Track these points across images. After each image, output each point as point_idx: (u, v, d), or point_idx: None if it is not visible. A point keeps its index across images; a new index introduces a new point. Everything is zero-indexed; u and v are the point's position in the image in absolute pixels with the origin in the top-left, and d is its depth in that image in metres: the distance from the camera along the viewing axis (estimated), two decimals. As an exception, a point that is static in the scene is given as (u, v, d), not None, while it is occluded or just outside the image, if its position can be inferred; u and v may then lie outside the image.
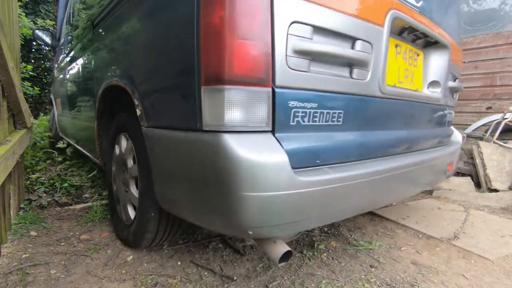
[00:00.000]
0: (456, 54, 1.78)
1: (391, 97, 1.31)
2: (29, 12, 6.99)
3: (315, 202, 0.96)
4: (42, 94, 7.52)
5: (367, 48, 1.13)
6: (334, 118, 1.08)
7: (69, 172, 3.17)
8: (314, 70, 0.99)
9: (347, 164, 1.12)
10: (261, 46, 0.85)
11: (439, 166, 1.69)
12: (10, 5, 1.87)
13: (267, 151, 0.87)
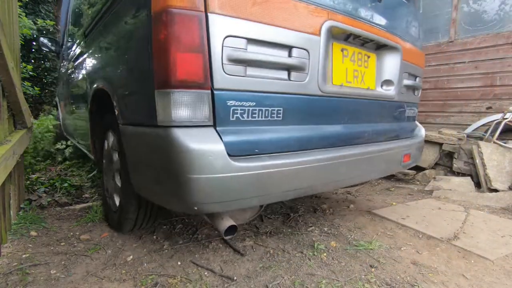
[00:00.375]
0: (412, 55, 1.94)
1: (337, 95, 1.50)
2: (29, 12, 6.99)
3: (252, 183, 1.14)
4: (42, 94, 7.52)
5: (304, 55, 1.31)
6: (274, 114, 1.26)
7: (69, 172, 3.17)
8: (251, 74, 1.18)
9: (289, 153, 1.29)
10: (200, 57, 1.05)
11: (392, 156, 1.83)
12: (10, 5, 1.87)
13: (207, 141, 1.06)
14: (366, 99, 1.69)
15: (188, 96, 1.06)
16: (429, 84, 4.22)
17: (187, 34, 1.03)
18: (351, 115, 1.62)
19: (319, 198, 2.87)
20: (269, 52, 1.22)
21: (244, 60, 1.15)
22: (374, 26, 1.63)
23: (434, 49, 4.15)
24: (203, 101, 1.08)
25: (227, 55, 1.10)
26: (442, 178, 3.36)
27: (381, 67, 1.77)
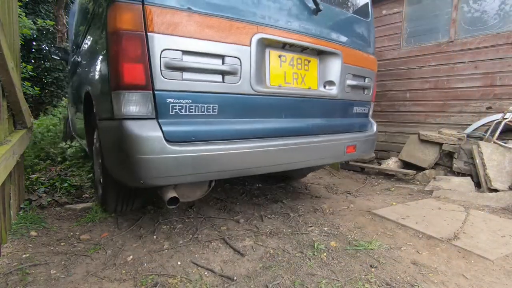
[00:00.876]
0: (356, 59, 2.18)
1: (274, 94, 1.74)
2: (29, 12, 6.99)
3: (186, 163, 1.42)
4: (42, 94, 7.52)
5: (236, 62, 1.57)
6: (209, 110, 1.52)
7: (69, 172, 3.16)
8: (188, 78, 1.44)
9: (224, 141, 1.55)
10: (142, 66, 1.33)
11: (334, 147, 2.06)
12: (10, 5, 1.87)
13: (149, 130, 1.35)
14: (307, 97, 1.93)
15: (135, 96, 1.35)
16: (429, 84, 4.22)
17: (131, 49, 1.32)
18: (292, 110, 1.85)
19: (319, 198, 2.87)
20: (203, 60, 1.48)
21: (180, 68, 1.41)
22: (310, 36, 1.86)
23: (434, 49, 4.15)
24: (146, 100, 1.37)
25: (164, 64, 1.37)
26: (442, 178, 3.36)
27: (324, 69, 2.01)
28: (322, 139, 1.96)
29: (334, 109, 2.11)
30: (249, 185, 3.25)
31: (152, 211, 2.33)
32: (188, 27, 1.42)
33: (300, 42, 1.81)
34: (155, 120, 1.39)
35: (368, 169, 4.20)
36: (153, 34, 1.34)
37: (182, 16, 1.40)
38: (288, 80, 1.83)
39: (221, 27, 1.51)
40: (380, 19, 4.74)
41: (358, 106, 2.28)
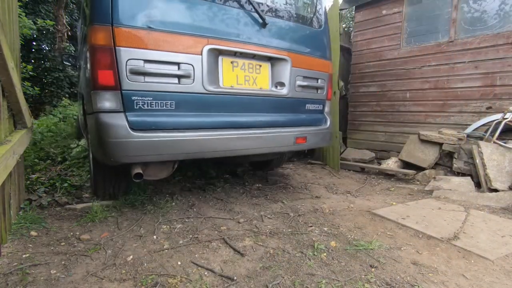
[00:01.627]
0: (307, 63, 2.46)
1: (226, 93, 2.08)
2: (29, 12, 6.98)
3: (147, 146, 1.77)
4: (42, 94, 7.52)
5: (190, 68, 1.90)
6: (167, 105, 1.87)
7: (69, 172, 3.16)
8: (149, 81, 1.80)
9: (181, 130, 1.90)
10: (111, 72, 1.70)
11: (283, 138, 2.33)
12: (10, 5, 1.87)
13: (118, 121, 1.72)
14: (258, 96, 2.24)
15: (107, 95, 1.72)
16: (429, 84, 4.22)
17: (104, 59, 1.68)
18: (243, 106, 2.18)
19: (319, 198, 2.87)
20: (161, 67, 1.82)
21: (142, 73, 1.77)
22: (259, 45, 2.18)
23: (434, 49, 4.15)
24: (116, 98, 1.73)
25: (129, 70, 1.73)
26: (442, 178, 3.36)
27: (275, 72, 2.32)
28: (271, 131, 2.28)
29: (284, 105, 2.41)
30: (249, 185, 3.25)
31: (152, 211, 2.33)
32: (148, 42, 1.77)
33: (249, 50, 2.14)
34: (123, 113, 1.76)
35: (368, 169, 4.20)
36: (120, 48, 1.71)
37: (143, 33, 1.76)
38: (240, 82, 2.16)
39: (175, 41, 1.85)
40: (380, 19, 4.74)
41: (311, 104, 2.58)
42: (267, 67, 2.29)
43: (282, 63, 2.31)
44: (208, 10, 1.98)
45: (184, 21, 1.88)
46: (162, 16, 1.81)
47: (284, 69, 2.32)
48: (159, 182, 3.12)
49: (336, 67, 3.92)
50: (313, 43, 2.53)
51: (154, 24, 1.78)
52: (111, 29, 1.67)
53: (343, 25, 6.95)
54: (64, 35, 7.67)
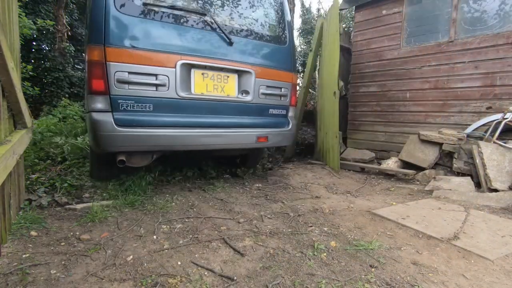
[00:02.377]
0: (269, 75, 2.87)
1: (197, 99, 2.51)
2: (29, 12, 6.98)
3: (128, 139, 2.20)
4: (42, 94, 7.51)
5: (165, 78, 2.34)
6: (147, 107, 2.31)
7: (69, 172, 3.16)
8: (132, 88, 2.25)
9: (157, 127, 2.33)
10: (102, 81, 2.12)
11: (246, 136, 2.72)
12: (10, 5, 1.87)
13: (106, 118, 2.13)
14: (225, 101, 2.66)
15: (99, 98, 2.16)
16: (429, 84, 4.22)
17: (97, 71, 2.13)
18: (212, 110, 2.59)
19: (319, 198, 2.87)
20: (142, 77, 2.27)
21: (126, 81, 2.22)
22: (226, 60, 2.60)
23: (434, 49, 4.15)
24: (105, 101, 2.17)
25: (116, 79, 2.18)
26: (442, 178, 3.36)
27: (241, 82, 2.72)
28: (235, 130, 2.68)
29: (248, 110, 2.79)
30: (249, 185, 3.25)
31: (152, 211, 2.33)
32: (132, 58, 2.22)
33: (217, 65, 2.56)
34: (110, 112, 2.20)
35: (368, 169, 4.20)
36: (109, 62, 2.15)
37: (127, 51, 2.21)
38: (209, 89, 2.58)
39: (154, 57, 2.30)
40: (380, 19, 4.74)
41: (274, 109, 2.96)
42: (235, 78, 2.70)
43: (247, 75, 2.73)
44: (182, 32, 2.44)
45: (161, 41, 2.34)
46: (143, 38, 2.28)
47: (249, 79, 2.73)
48: (159, 182, 3.12)
49: (336, 66, 3.92)
50: (277, 58, 2.94)
51: (136, 44, 2.25)
52: (103, 48, 2.13)
53: (343, 25, 6.95)
54: (64, 35, 7.67)
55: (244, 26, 2.74)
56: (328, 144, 4.20)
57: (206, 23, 2.51)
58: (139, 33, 2.25)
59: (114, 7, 2.15)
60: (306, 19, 10.38)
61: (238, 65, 2.66)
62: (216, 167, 3.81)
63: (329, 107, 4.16)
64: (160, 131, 2.32)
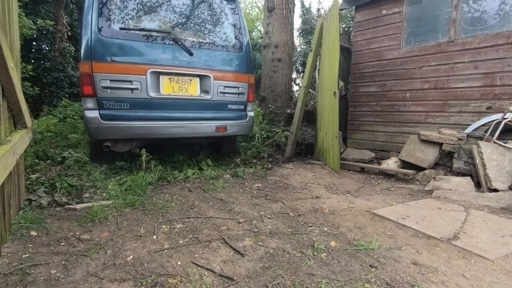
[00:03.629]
0: (226, 77, 3.43)
1: (166, 98, 3.10)
2: (29, 12, 6.97)
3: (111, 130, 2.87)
4: (42, 94, 7.51)
5: (138, 83, 2.94)
6: (125, 106, 2.92)
7: (69, 172, 3.16)
8: (113, 92, 2.88)
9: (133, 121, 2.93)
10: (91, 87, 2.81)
11: (206, 127, 3.31)
12: (10, 5, 1.87)
13: (94, 114, 2.81)
14: (189, 99, 3.26)
15: (89, 100, 2.80)
16: (429, 84, 4.21)
17: (86, 80, 2.77)
18: (178, 106, 3.19)
19: (319, 198, 2.87)
20: (120, 84, 2.90)
21: (108, 87, 2.85)
22: (189, 67, 3.19)
23: (434, 49, 4.15)
24: (94, 101, 2.80)
25: (100, 86, 2.80)
26: (442, 178, 3.36)
27: (202, 84, 3.31)
28: (197, 122, 3.27)
29: (208, 106, 3.37)
30: (249, 185, 3.25)
31: (152, 211, 2.33)
32: (112, 69, 2.88)
33: (181, 71, 3.15)
34: (97, 110, 2.86)
35: (368, 169, 4.20)
36: (95, 73, 2.81)
37: (108, 64, 2.87)
38: (175, 90, 3.17)
39: (128, 68, 2.94)
40: (380, 19, 4.74)
41: (232, 104, 3.51)
42: (197, 80, 3.28)
43: (207, 78, 3.30)
44: (151, 47, 3.05)
45: (134, 55, 2.98)
46: (120, 54, 2.92)
47: (208, 81, 3.31)
48: (159, 182, 3.12)
49: (336, 67, 3.92)
50: (234, 63, 3.51)
51: (115, 59, 2.90)
52: (91, 63, 2.81)
53: (343, 25, 6.95)
54: (64, 35, 7.67)
55: (204, 39, 3.37)
56: (328, 144, 4.20)
57: (171, 39, 3.13)
58: (117, 50, 2.90)
59: (98, 32, 2.84)
60: (306, 19, 10.37)
61: (199, 71, 3.25)
62: (216, 167, 3.82)
63: (329, 107, 4.16)
64: (135, 123, 2.98)
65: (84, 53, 2.82)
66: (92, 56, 2.78)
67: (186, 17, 3.26)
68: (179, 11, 3.24)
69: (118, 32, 2.91)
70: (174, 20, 3.19)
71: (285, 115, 5.47)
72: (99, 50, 2.80)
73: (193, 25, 3.31)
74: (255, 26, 14.04)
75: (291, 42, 5.69)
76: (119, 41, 2.90)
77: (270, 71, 5.56)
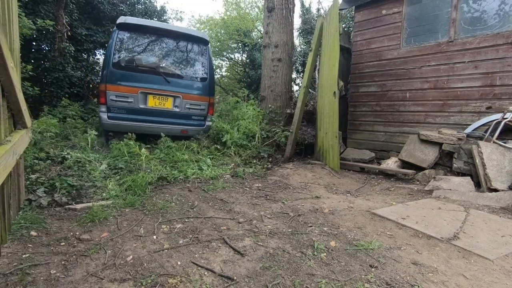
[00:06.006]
0: (192, 98, 4.83)
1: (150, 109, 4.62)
2: (29, 12, 6.96)
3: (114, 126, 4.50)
4: (42, 94, 7.50)
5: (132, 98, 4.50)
6: (123, 112, 4.51)
7: (69, 172, 3.16)
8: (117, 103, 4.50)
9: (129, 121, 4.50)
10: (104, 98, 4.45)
11: (175, 129, 4.71)
12: (10, 5, 1.87)
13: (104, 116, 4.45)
14: (165, 111, 4.66)
15: (102, 106, 4.45)
16: (429, 84, 4.22)
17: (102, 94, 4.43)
18: (158, 115, 4.62)
19: (319, 198, 2.87)
20: (121, 98, 4.44)
21: (114, 100, 4.43)
22: (166, 90, 4.61)
23: (434, 49, 4.15)
24: (105, 107, 4.42)
25: (110, 98, 4.40)
26: (442, 178, 3.36)
27: (175, 101, 4.69)
28: (169, 126, 4.69)
29: (178, 115, 4.78)
30: (249, 185, 3.25)
31: (152, 211, 2.33)
32: (117, 89, 4.38)
33: (161, 93, 4.59)
34: (106, 113, 4.37)
35: (368, 169, 4.20)
36: (107, 91, 4.33)
37: (115, 86, 4.38)
38: (157, 104, 4.60)
39: (127, 88, 4.41)
40: (380, 19, 4.74)
41: (195, 116, 4.92)
42: (171, 99, 4.71)
43: (178, 97, 4.74)
44: (143, 76, 4.55)
45: (131, 81, 4.46)
46: (123, 79, 4.42)
47: (179, 100, 4.75)
48: (159, 181, 3.12)
49: (336, 66, 3.92)
50: (199, 89, 4.97)
51: (119, 82, 4.39)
52: (105, 85, 4.33)
53: (343, 25, 6.94)
54: (64, 35, 7.66)
55: (178, 72, 4.89)
56: (328, 144, 4.20)
57: (156, 72, 4.65)
58: (121, 77, 4.45)
59: (111, 66, 4.41)
60: (306, 19, 10.35)
61: (173, 93, 4.70)
62: (216, 167, 3.82)
63: (329, 107, 4.16)
64: (129, 123, 4.47)
65: (102, 78, 4.52)
66: (107, 80, 4.39)
67: (167, 57, 4.93)
68: (164, 53, 4.90)
69: (123, 67, 4.52)
70: (159, 59, 4.82)
71: (285, 115, 5.47)
72: (110, 77, 4.40)
73: (171, 62, 4.93)
74: (255, 26, 14.03)
75: (291, 42, 5.69)
76: (123, 72, 4.49)
77: (270, 71, 5.56)
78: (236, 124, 5.10)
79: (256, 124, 5.04)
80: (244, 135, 4.90)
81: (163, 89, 4.57)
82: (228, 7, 15.45)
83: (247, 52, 12.05)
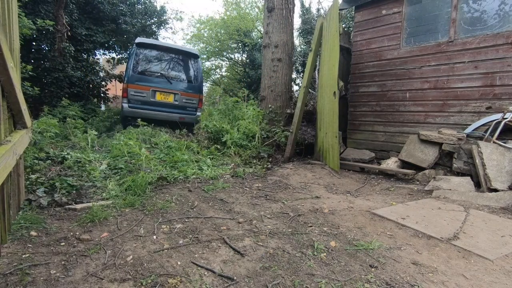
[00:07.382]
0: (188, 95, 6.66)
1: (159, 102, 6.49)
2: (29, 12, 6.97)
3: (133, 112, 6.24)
4: (42, 94, 7.50)
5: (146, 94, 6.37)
6: (139, 103, 6.31)
7: (69, 172, 3.16)
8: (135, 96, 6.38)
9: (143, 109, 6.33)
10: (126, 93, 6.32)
11: (175, 116, 6.47)
12: (10, 5, 1.87)
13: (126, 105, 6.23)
14: (168, 103, 6.49)
15: (124, 99, 6.20)
16: (428, 84, 4.22)
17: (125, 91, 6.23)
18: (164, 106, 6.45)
19: (319, 198, 2.87)
20: (138, 93, 6.27)
21: (134, 94, 6.24)
22: (170, 89, 6.47)
23: (434, 49, 4.15)
24: (126, 100, 6.18)
25: (130, 93, 6.20)
26: (442, 178, 3.36)
27: (175, 96, 6.49)
28: (170, 114, 6.38)
29: (177, 107, 6.46)
30: (249, 185, 3.26)
31: (152, 211, 2.33)
32: (135, 87, 6.17)
33: (166, 91, 6.39)
34: (127, 103, 6.11)
35: (368, 169, 4.20)
36: (128, 88, 6.14)
37: (134, 85, 6.17)
38: (162, 98, 6.37)
39: (142, 87, 6.21)
40: (380, 19, 4.74)
41: (189, 107, 6.60)
42: (173, 95, 6.37)
43: (177, 94, 6.39)
44: (154, 78, 6.31)
45: (145, 81, 6.20)
46: (140, 81, 6.15)
47: (178, 96, 6.40)
48: (159, 181, 3.12)
49: (336, 66, 3.92)
50: (192, 88, 6.69)
51: (137, 83, 6.13)
52: (127, 84, 6.11)
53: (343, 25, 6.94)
54: (64, 35, 7.66)
55: (178, 76, 6.61)
56: (328, 144, 4.20)
57: (163, 76, 6.36)
58: (138, 79, 6.08)
59: (132, 71, 6.07)
60: (306, 19, 10.36)
61: (173, 91, 6.38)
62: (216, 167, 3.82)
63: (329, 107, 4.16)
64: (143, 111, 6.03)
65: (125, 79, 6.16)
66: (128, 81, 6.06)
67: (170, 66, 6.62)
68: (167, 63, 6.60)
69: (139, 72, 6.18)
70: (164, 67, 6.53)
71: (285, 115, 5.47)
72: (131, 79, 6.06)
73: (173, 69, 6.63)
74: (255, 26, 14.03)
75: (291, 42, 5.69)
76: (139, 75, 6.16)
77: (270, 71, 5.56)
78: (236, 124, 5.11)
79: (256, 124, 5.04)
80: (244, 135, 4.90)
81: (167, 88, 6.41)
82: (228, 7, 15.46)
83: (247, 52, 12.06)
